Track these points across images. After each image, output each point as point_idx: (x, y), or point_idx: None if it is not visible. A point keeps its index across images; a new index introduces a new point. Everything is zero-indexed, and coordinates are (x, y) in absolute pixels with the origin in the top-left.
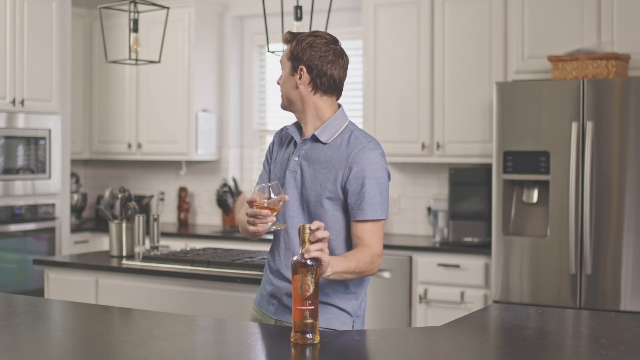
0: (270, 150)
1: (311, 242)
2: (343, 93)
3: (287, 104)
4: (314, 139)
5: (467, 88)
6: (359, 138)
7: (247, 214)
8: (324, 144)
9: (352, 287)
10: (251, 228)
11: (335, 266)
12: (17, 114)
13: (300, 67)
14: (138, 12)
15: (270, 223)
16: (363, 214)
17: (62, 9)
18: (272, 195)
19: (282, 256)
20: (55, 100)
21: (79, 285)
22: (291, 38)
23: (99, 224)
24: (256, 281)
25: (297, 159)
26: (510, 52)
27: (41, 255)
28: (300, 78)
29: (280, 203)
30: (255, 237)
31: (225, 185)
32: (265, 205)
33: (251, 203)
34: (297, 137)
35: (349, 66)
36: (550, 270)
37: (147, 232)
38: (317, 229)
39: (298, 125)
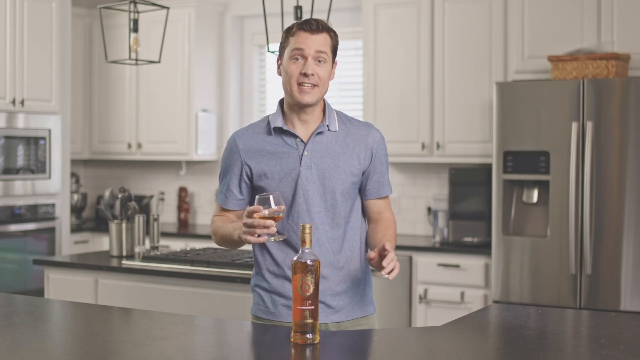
0: (237, 161)
1: (383, 256)
2: (343, 93)
3: (318, 100)
4: (322, 130)
5: (467, 88)
6: (357, 120)
7: (245, 224)
8: (332, 132)
9: (367, 266)
10: (250, 239)
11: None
12: (17, 114)
13: (335, 60)
14: (138, 12)
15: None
16: (385, 190)
17: (62, 9)
18: (273, 205)
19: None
20: (55, 100)
21: (78, 285)
22: (327, 28)
23: (99, 224)
24: None
25: (307, 154)
26: (510, 52)
27: (41, 255)
28: (333, 73)
29: (281, 214)
30: (236, 248)
31: None
32: (267, 215)
33: (251, 213)
34: (298, 134)
35: (349, 66)
36: (550, 270)
37: (147, 232)
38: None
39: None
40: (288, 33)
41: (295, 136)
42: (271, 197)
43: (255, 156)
